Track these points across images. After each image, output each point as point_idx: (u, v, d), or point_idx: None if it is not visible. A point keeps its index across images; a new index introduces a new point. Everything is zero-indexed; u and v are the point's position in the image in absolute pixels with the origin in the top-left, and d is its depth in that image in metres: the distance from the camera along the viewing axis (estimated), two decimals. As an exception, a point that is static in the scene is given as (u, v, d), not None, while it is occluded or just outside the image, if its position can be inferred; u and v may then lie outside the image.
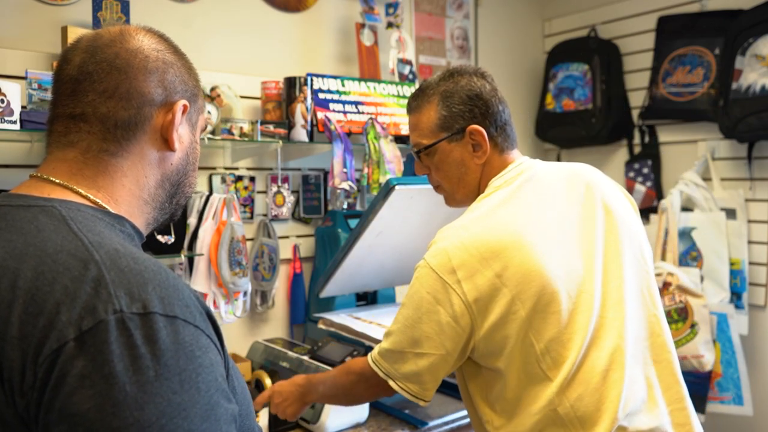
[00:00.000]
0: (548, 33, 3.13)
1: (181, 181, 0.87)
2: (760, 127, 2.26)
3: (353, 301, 2.10)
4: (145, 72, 0.80)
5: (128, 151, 0.80)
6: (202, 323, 0.68)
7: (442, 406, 1.82)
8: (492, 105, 1.28)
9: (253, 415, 0.81)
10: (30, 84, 1.52)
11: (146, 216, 0.84)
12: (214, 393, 0.65)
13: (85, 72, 0.78)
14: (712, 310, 2.37)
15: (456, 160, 1.29)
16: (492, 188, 1.26)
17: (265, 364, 1.86)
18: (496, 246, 1.14)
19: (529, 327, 1.14)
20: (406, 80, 2.39)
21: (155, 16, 1.90)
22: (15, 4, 1.68)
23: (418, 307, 1.17)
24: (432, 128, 1.30)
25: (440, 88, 1.29)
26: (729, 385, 2.39)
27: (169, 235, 1.74)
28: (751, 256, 2.46)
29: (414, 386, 1.21)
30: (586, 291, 1.17)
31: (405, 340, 1.20)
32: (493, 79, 1.32)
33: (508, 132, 1.30)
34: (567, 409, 1.13)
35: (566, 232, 1.21)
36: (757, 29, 2.30)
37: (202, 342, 0.66)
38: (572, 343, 1.14)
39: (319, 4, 2.28)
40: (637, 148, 2.80)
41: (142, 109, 0.79)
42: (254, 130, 1.90)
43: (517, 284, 1.13)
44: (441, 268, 1.15)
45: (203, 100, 0.91)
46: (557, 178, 1.28)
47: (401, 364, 1.21)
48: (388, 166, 2.07)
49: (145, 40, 0.82)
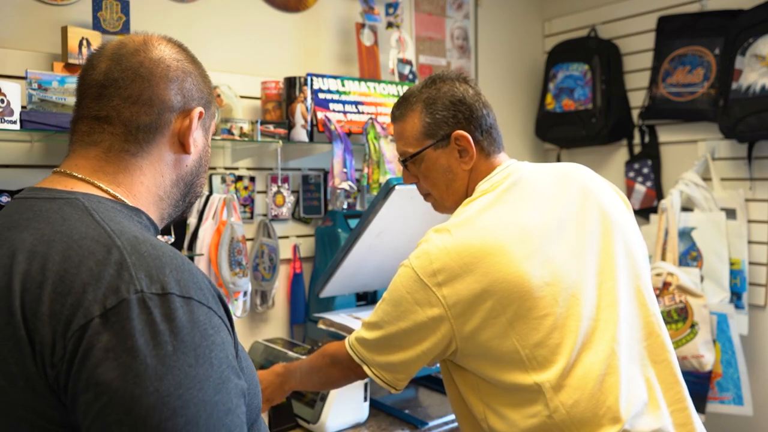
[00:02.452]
0: (548, 33, 3.13)
1: (194, 181, 0.95)
2: (760, 127, 2.26)
3: (353, 301, 2.10)
4: (167, 80, 0.87)
5: (147, 152, 0.87)
6: (215, 305, 0.74)
7: (441, 406, 1.82)
8: (476, 109, 1.27)
9: (259, 394, 0.86)
10: (30, 84, 1.52)
11: (161, 211, 0.91)
12: (226, 368, 0.70)
13: (111, 78, 0.84)
14: (712, 310, 2.37)
15: (443, 167, 1.28)
16: (479, 192, 1.25)
17: (265, 364, 1.86)
18: (478, 252, 1.13)
19: (511, 332, 1.12)
20: (406, 80, 2.39)
21: (155, 17, 1.90)
22: (15, 4, 1.68)
23: (398, 304, 1.18)
24: (417, 136, 1.29)
25: (423, 96, 1.28)
26: (729, 385, 2.39)
27: (169, 235, 1.74)
28: (751, 256, 2.46)
29: (387, 375, 1.23)
30: (577, 294, 1.15)
31: (382, 333, 1.21)
32: (476, 83, 1.32)
33: (494, 136, 1.30)
34: (563, 416, 1.11)
35: (555, 234, 1.19)
36: (757, 29, 2.30)
37: (214, 322, 0.72)
38: (562, 348, 1.12)
39: (319, 4, 2.29)
40: (637, 148, 2.80)
41: (162, 114, 0.86)
42: (254, 130, 1.90)
43: (499, 290, 1.11)
44: (422, 271, 1.15)
45: (215, 106, 0.98)
46: (547, 179, 1.27)
47: (376, 354, 1.23)
48: (388, 166, 2.07)
49: (167, 50, 0.89)
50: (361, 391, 1.66)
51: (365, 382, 1.66)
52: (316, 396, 1.62)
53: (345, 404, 1.62)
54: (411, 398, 1.92)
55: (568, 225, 1.21)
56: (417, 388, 2.00)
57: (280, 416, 1.63)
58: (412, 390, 1.99)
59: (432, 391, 1.96)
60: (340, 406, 1.60)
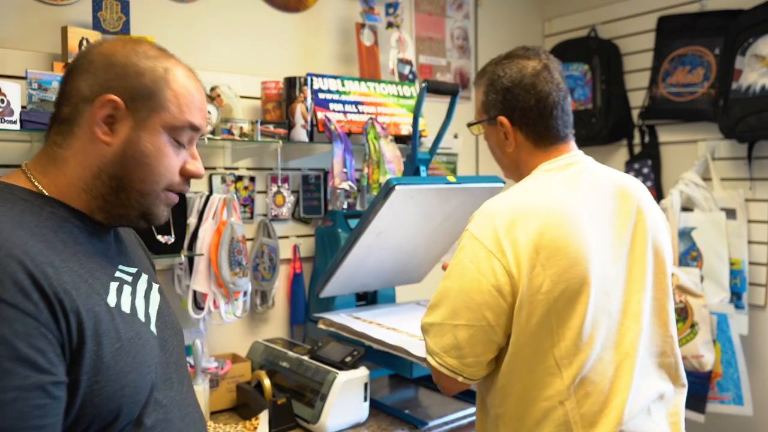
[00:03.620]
0: (548, 33, 3.13)
1: (122, 176, 0.91)
2: (760, 127, 2.26)
3: (353, 301, 2.10)
4: (85, 72, 0.90)
5: (70, 144, 0.90)
6: (18, 298, 0.74)
7: (442, 406, 1.82)
8: (525, 100, 1.26)
9: (139, 390, 0.87)
10: (30, 84, 1.52)
11: (86, 203, 0.91)
12: (5, 361, 0.72)
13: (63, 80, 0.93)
14: (712, 310, 2.37)
15: (493, 142, 1.36)
16: (541, 170, 1.27)
17: (265, 364, 1.86)
18: (540, 217, 1.14)
19: (553, 309, 1.12)
20: (406, 80, 2.39)
21: (155, 17, 1.90)
22: (15, 4, 1.68)
23: (460, 276, 1.17)
24: (478, 107, 1.37)
25: (488, 73, 1.34)
26: (729, 385, 2.39)
27: (169, 235, 1.74)
28: (751, 256, 2.46)
29: (452, 360, 1.18)
30: (611, 294, 1.17)
31: (444, 311, 1.18)
32: (552, 71, 1.28)
33: (540, 128, 1.27)
34: (573, 404, 1.13)
35: (606, 230, 1.21)
36: (757, 29, 2.30)
37: (5, 314, 0.73)
38: (591, 340, 1.14)
39: (319, 4, 2.28)
40: (637, 148, 2.80)
41: (77, 105, 0.90)
42: (254, 130, 1.90)
43: (555, 264, 1.12)
44: (484, 236, 1.15)
45: (165, 101, 0.92)
46: (607, 179, 1.28)
47: (440, 337, 1.19)
48: (388, 166, 2.07)
49: (103, 45, 0.93)
50: (361, 391, 1.66)
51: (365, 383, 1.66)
52: (316, 396, 1.63)
53: (345, 404, 1.62)
54: (411, 398, 1.92)
55: (612, 226, 1.22)
56: (417, 388, 2.00)
57: (280, 416, 1.63)
58: (412, 390, 1.99)
59: (432, 391, 1.96)
60: (340, 406, 1.60)
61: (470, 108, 2.82)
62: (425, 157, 2.10)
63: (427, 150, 2.16)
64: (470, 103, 2.82)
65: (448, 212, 1.88)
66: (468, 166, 2.80)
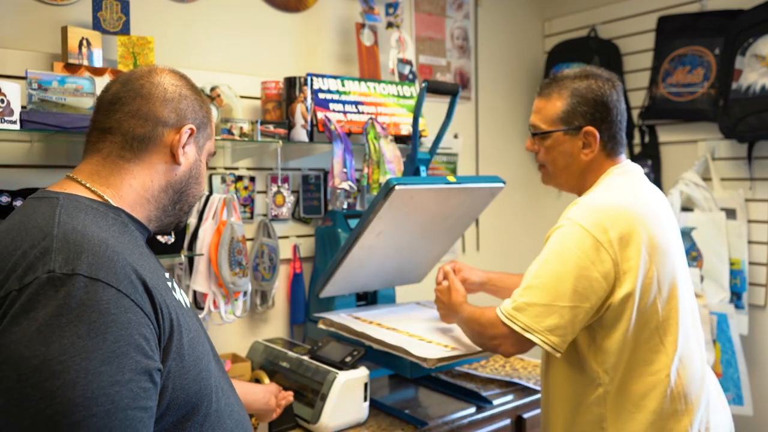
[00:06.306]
0: (548, 33, 3.13)
1: (183, 190, 1.07)
2: (760, 127, 2.26)
3: (353, 301, 2.10)
4: (163, 101, 1.02)
5: (140, 159, 1.01)
6: (130, 290, 0.83)
7: (442, 406, 1.82)
8: (612, 114, 1.42)
9: (209, 384, 0.96)
10: (30, 84, 1.52)
11: (147, 212, 1.03)
12: (124, 345, 0.79)
13: (117, 97, 1.01)
14: (712, 310, 2.37)
15: (566, 151, 1.44)
16: (613, 174, 1.42)
17: (265, 364, 1.86)
18: (639, 216, 1.31)
19: (659, 295, 1.32)
20: (406, 80, 2.39)
21: (155, 17, 1.90)
22: (15, 4, 1.68)
23: (566, 261, 1.28)
24: (553, 118, 1.44)
25: (573, 84, 1.42)
26: (729, 385, 2.39)
27: (169, 235, 1.74)
28: (751, 256, 2.46)
29: (555, 338, 1.29)
30: (686, 284, 1.40)
31: (550, 293, 1.29)
32: (622, 90, 1.47)
33: (618, 138, 1.45)
34: (678, 379, 1.32)
35: (673, 226, 1.44)
36: (757, 29, 2.30)
37: (122, 303, 0.81)
38: (683, 321, 1.35)
39: (319, 4, 2.28)
40: (637, 148, 2.80)
41: (156, 128, 1.01)
42: (254, 130, 1.90)
43: (658, 259, 1.31)
44: (594, 227, 1.29)
45: (213, 129, 1.13)
46: (656, 193, 1.47)
47: (545, 317, 1.29)
48: (388, 166, 2.07)
49: (168, 77, 1.05)
50: (361, 391, 1.66)
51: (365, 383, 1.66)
52: (316, 396, 1.63)
53: (345, 404, 1.62)
54: (411, 398, 1.92)
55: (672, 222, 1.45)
56: (417, 388, 2.00)
57: (280, 416, 1.63)
58: (412, 390, 1.99)
59: (432, 391, 1.96)
60: (340, 406, 1.60)
61: (470, 108, 2.82)
62: (425, 157, 2.10)
63: (427, 150, 2.16)
64: (470, 103, 2.82)
65: (448, 212, 1.88)
66: (468, 166, 2.79)
